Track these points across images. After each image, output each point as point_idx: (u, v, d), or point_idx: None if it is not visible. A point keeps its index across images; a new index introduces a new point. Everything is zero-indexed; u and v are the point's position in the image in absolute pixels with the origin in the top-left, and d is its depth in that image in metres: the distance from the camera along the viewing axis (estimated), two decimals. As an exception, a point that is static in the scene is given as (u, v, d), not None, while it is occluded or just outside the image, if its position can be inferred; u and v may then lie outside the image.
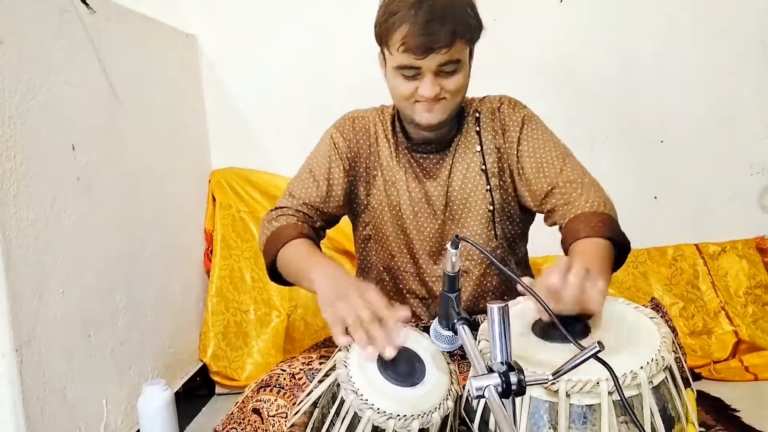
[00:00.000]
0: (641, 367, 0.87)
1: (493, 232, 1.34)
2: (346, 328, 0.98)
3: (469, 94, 1.36)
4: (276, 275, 1.29)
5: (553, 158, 1.28)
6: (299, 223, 1.30)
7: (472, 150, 1.33)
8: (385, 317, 0.97)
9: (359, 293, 1.00)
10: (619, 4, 2.09)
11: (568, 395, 0.86)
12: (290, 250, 1.23)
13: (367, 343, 0.95)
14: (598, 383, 0.85)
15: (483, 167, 1.32)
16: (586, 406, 0.86)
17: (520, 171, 1.30)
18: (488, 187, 1.33)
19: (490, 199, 1.33)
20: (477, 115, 1.35)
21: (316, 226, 1.34)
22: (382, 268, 1.41)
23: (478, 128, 1.34)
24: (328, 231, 1.42)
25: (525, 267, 1.46)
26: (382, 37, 1.22)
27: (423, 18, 1.14)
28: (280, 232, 1.27)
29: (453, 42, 1.16)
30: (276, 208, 1.34)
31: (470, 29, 1.20)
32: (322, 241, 1.37)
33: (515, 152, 1.31)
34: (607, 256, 1.13)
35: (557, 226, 1.27)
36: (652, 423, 0.86)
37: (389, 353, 0.94)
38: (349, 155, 1.36)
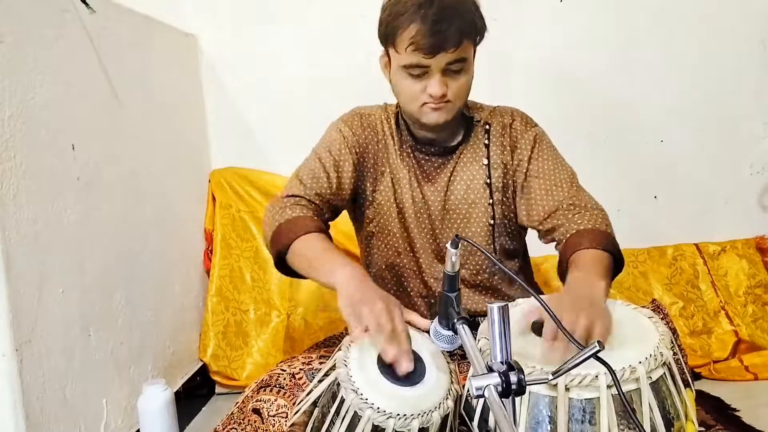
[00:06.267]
0: (640, 362, 0.87)
1: (492, 245, 1.34)
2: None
3: (471, 95, 1.36)
4: (282, 265, 1.24)
5: (562, 181, 1.28)
6: (315, 216, 1.24)
7: (479, 162, 1.33)
8: (401, 338, 0.96)
9: (385, 304, 0.99)
10: (619, 5, 2.09)
11: (567, 389, 0.86)
12: (307, 242, 1.17)
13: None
14: (597, 377, 0.85)
15: (488, 181, 1.32)
16: (586, 399, 0.87)
17: (525, 189, 1.30)
18: (491, 201, 1.33)
19: (492, 213, 1.33)
20: (487, 127, 1.34)
21: (324, 218, 1.30)
22: (384, 266, 1.40)
23: (487, 141, 1.33)
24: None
25: (523, 279, 1.45)
26: (389, 36, 1.21)
27: (432, 17, 1.14)
28: (296, 221, 1.20)
29: (461, 41, 1.17)
30: (288, 196, 1.28)
31: (476, 28, 1.21)
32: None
33: (524, 170, 1.31)
34: (608, 265, 1.14)
35: (554, 243, 1.27)
36: (651, 419, 0.87)
37: (406, 367, 0.94)
38: (357, 149, 1.34)
